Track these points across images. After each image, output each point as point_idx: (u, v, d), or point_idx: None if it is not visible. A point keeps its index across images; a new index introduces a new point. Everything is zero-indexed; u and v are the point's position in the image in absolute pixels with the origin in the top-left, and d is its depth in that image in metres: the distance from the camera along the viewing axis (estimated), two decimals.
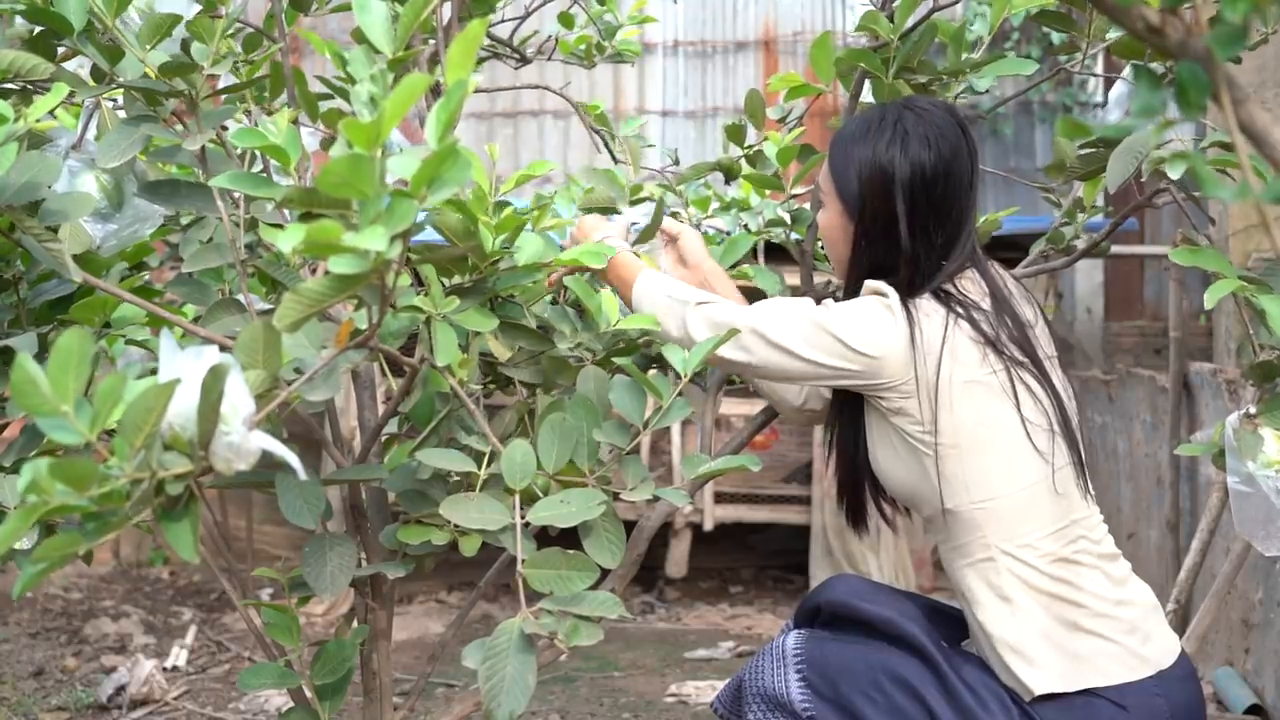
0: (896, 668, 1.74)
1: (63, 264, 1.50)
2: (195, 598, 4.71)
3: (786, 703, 1.78)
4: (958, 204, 1.76)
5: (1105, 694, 1.68)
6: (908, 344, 1.69)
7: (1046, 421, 1.72)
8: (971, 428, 1.69)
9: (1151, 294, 6.13)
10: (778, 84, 2.20)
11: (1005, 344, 1.72)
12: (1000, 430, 1.70)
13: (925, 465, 1.72)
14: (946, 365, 1.68)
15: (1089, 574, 1.72)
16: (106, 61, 1.54)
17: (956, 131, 1.76)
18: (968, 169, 1.76)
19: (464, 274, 1.59)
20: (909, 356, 1.68)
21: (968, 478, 1.70)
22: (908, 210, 1.74)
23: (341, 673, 1.71)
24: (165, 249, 2.12)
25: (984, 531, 1.71)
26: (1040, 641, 1.69)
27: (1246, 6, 0.69)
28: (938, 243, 1.75)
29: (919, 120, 1.75)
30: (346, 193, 0.98)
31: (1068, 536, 1.72)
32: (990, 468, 1.70)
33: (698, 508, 4.58)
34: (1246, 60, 3.50)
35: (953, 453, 1.70)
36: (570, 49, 2.58)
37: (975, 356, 1.70)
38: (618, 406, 1.68)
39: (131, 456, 1.00)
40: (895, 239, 1.75)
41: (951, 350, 1.69)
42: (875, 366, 1.70)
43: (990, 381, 1.70)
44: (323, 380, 1.34)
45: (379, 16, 1.25)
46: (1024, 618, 1.70)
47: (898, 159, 1.73)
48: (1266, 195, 0.69)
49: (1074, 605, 1.70)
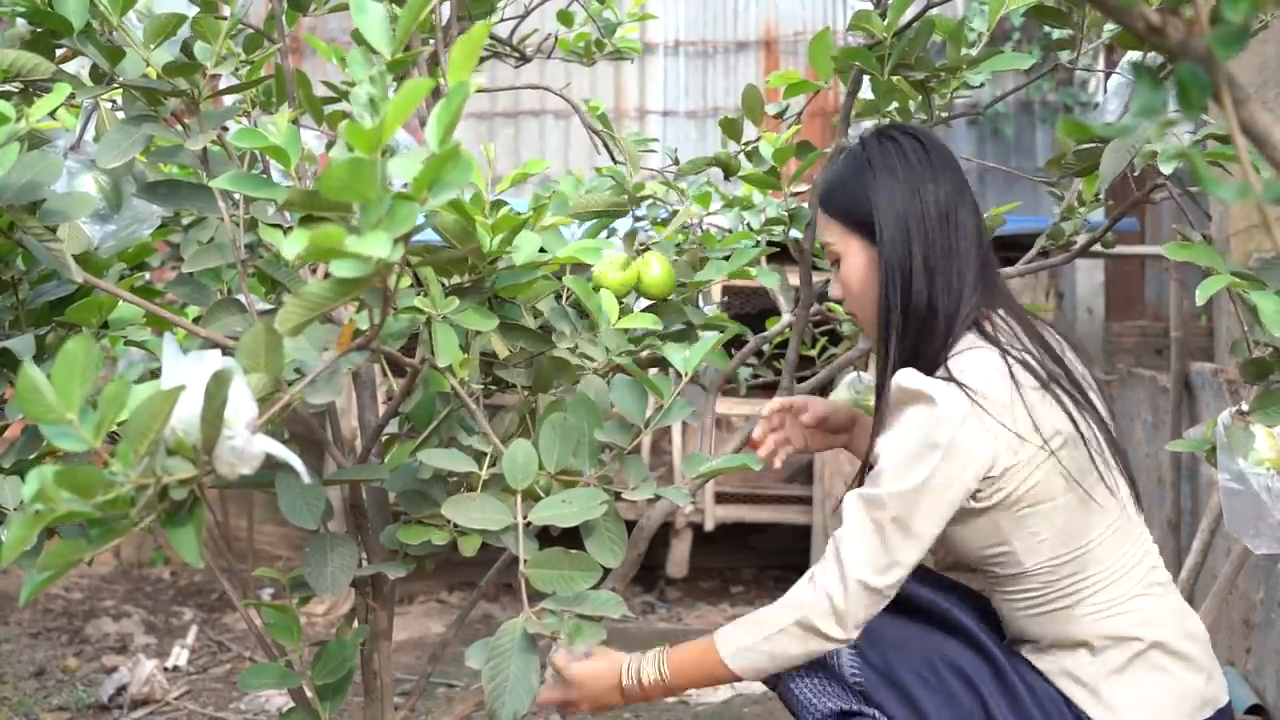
0: (953, 655, 1.68)
1: (63, 264, 1.50)
2: (196, 598, 4.72)
3: (835, 667, 1.71)
4: (966, 220, 1.67)
5: None
6: (981, 429, 1.53)
7: (1104, 453, 1.62)
8: (1042, 480, 1.57)
9: (1152, 294, 6.14)
10: (776, 80, 2.20)
11: (1059, 378, 1.62)
12: (1079, 473, 1.59)
13: (997, 527, 1.60)
14: (1034, 416, 1.56)
15: (1158, 605, 1.64)
16: (107, 61, 1.54)
17: (942, 151, 1.70)
18: (970, 204, 1.69)
19: (463, 274, 1.59)
20: (1002, 438, 1.54)
21: (1044, 531, 1.60)
22: (924, 226, 1.65)
23: (342, 673, 1.71)
24: (166, 249, 2.12)
25: (1067, 581, 1.62)
26: (1116, 683, 1.62)
27: (1247, 6, 0.69)
28: (956, 265, 1.65)
29: (900, 145, 1.69)
30: (348, 196, 0.98)
31: (1141, 569, 1.64)
32: (1065, 520, 1.59)
33: (699, 508, 4.58)
34: (1247, 60, 3.50)
35: (1029, 509, 1.59)
36: (570, 47, 2.58)
37: (1042, 402, 1.58)
38: (619, 406, 1.68)
39: (136, 463, 1.00)
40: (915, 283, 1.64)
41: (1028, 403, 1.56)
42: (975, 460, 1.54)
43: (1056, 426, 1.59)
44: (325, 382, 1.34)
45: (377, 18, 1.25)
46: (1102, 660, 1.62)
47: (916, 187, 1.66)
48: (1267, 195, 0.69)
49: (1151, 644, 1.62)
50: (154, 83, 1.54)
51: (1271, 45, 3.45)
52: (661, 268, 2.00)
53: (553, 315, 1.81)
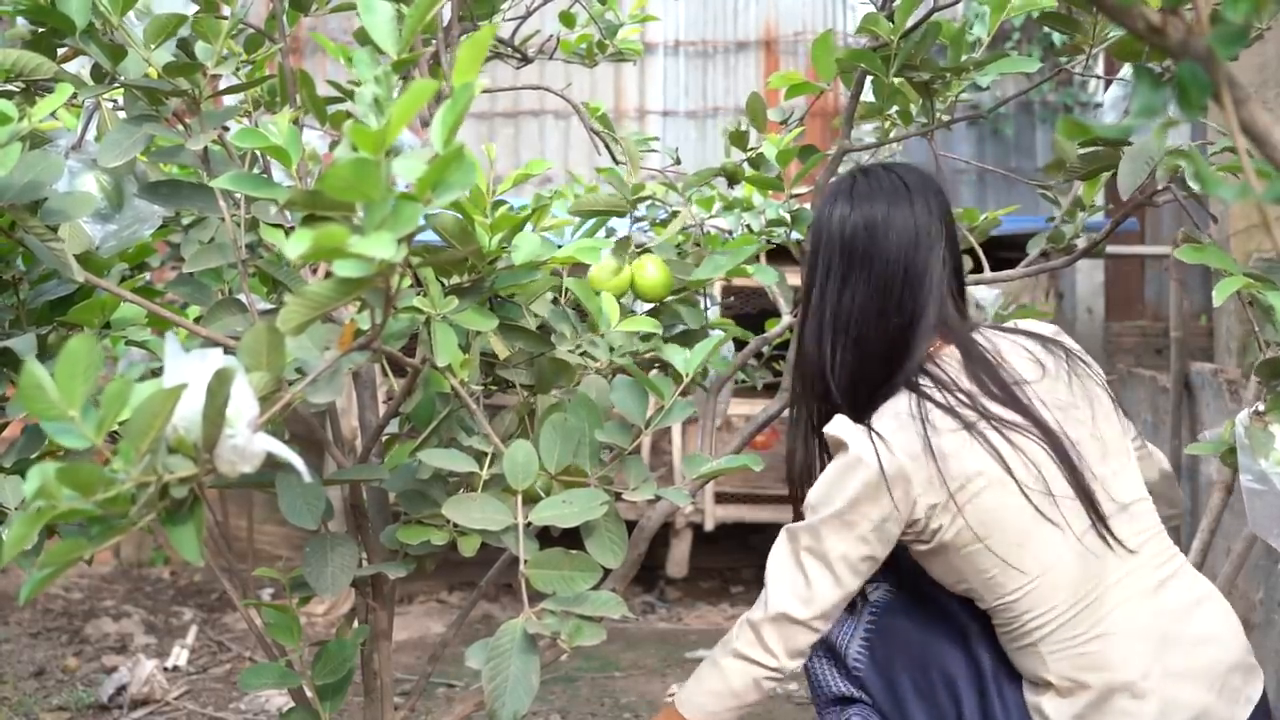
0: (949, 666, 1.74)
1: (65, 263, 1.50)
2: (196, 598, 4.72)
3: (841, 653, 1.82)
4: (897, 263, 1.70)
5: None
6: (879, 460, 1.61)
7: (1045, 486, 1.62)
8: (982, 519, 1.61)
9: (1152, 294, 6.14)
10: (778, 82, 2.20)
11: (989, 412, 1.64)
12: (1007, 514, 1.61)
13: (953, 567, 1.66)
14: (941, 463, 1.61)
15: (1125, 644, 1.61)
16: (109, 61, 1.54)
17: (897, 190, 1.73)
18: (909, 226, 1.71)
19: (462, 274, 1.59)
20: (893, 471, 1.61)
21: (989, 571, 1.63)
22: (835, 265, 1.73)
23: (342, 673, 1.71)
24: (167, 249, 2.12)
25: (1025, 618, 1.64)
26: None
27: (1247, 6, 0.69)
28: (892, 308, 1.70)
29: (855, 182, 1.76)
30: (352, 196, 0.98)
31: (1109, 602, 1.62)
32: (1005, 557, 1.62)
33: (699, 508, 4.58)
34: (1247, 60, 3.50)
35: (970, 551, 1.63)
36: (571, 48, 2.58)
37: (960, 444, 1.62)
38: (619, 406, 1.68)
39: (137, 460, 1.00)
40: (843, 301, 1.72)
41: (938, 449, 1.61)
42: (873, 504, 1.62)
43: (978, 469, 1.61)
44: (326, 382, 1.34)
45: (385, 17, 1.25)
46: (1068, 703, 1.62)
47: (824, 215, 1.76)
48: (1267, 195, 0.69)
49: (1116, 689, 1.60)
50: (155, 82, 1.55)
51: (1271, 46, 3.45)
52: (657, 270, 2.00)
53: (553, 316, 1.81)
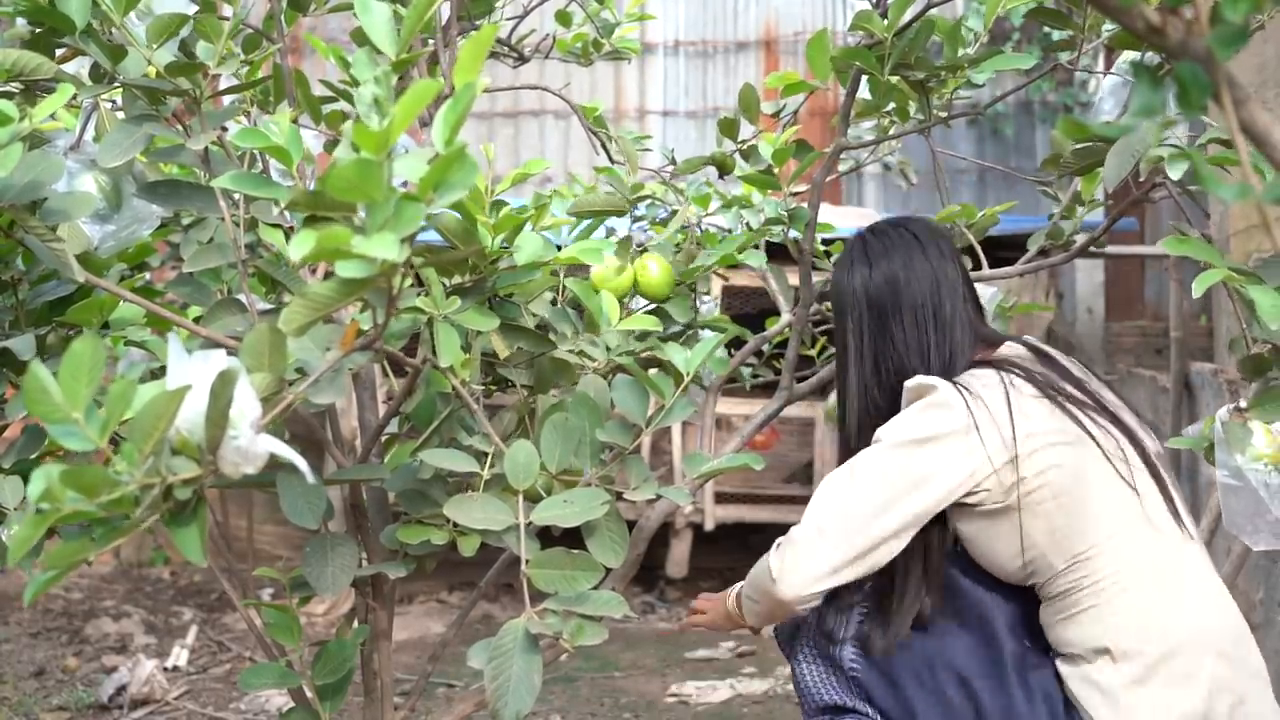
0: (953, 655, 1.73)
1: (65, 263, 1.50)
2: (196, 598, 4.72)
3: (837, 659, 1.81)
4: (924, 307, 1.79)
5: None
6: (970, 414, 1.66)
7: (1124, 456, 1.69)
8: (1060, 475, 1.65)
9: (1152, 294, 6.14)
10: (775, 81, 2.20)
11: (1066, 391, 1.71)
12: (1090, 473, 1.67)
13: (1021, 533, 1.67)
14: (1021, 425, 1.65)
15: (1186, 618, 1.65)
16: (109, 61, 1.54)
17: (910, 247, 1.82)
18: (927, 272, 1.80)
19: (464, 274, 1.59)
20: (981, 423, 1.66)
21: (1065, 529, 1.66)
22: (864, 322, 1.82)
23: (342, 673, 1.71)
24: (166, 249, 2.12)
25: (1089, 581, 1.66)
26: (1137, 693, 1.63)
27: (1247, 6, 0.69)
28: (928, 347, 1.79)
29: (867, 243, 1.85)
30: (355, 197, 0.98)
31: (1172, 579, 1.66)
32: (1084, 514, 1.65)
33: (698, 508, 4.58)
34: (1247, 60, 3.50)
35: (1045, 508, 1.66)
36: (567, 47, 2.58)
37: (1042, 409, 1.68)
38: (620, 406, 1.68)
39: (141, 462, 1.00)
40: (879, 351, 1.81)
41: (1019, 409, 1.67)
42: (953, 449, 1.66)
43: (1066, 428, 1.67)
44: (328, 382, 1.34)
45: (382, 18, 1.25)
46: (1124, 668, 1.64)
47: (844, 280, 1.85)
48: (1267, 195, 0.69)
49: (1173, 655, 1.63)
50: (155, 82, 1.55)
51: (1271, 45, 3.45)
52: (660, 269, 2.00)
53: (553, 316, 1.81)
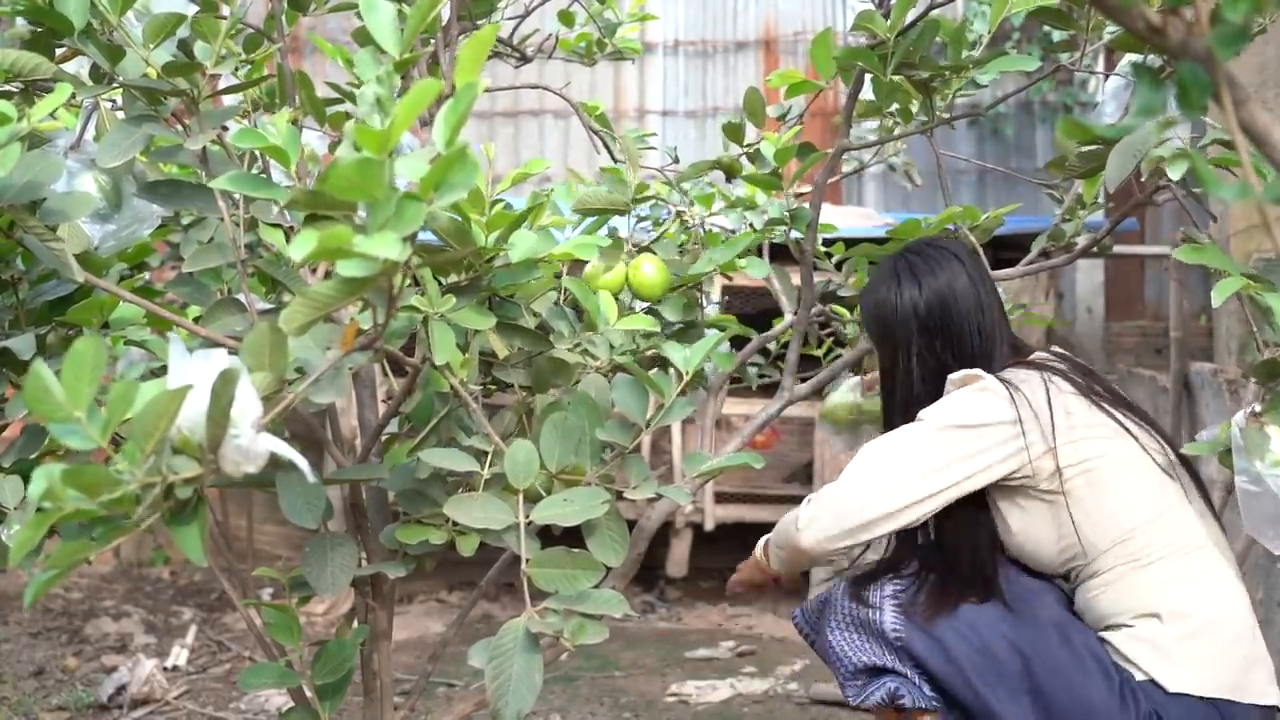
0: (995, 619, 1.81)
1: (65, 263, 1.50)
2: (196, 597, 4.72)
3: (876, 624, 1.87)
4: (964, 326, 1.91)
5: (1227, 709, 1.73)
6: (1014, 406, 1.80)
7: (1160, 449, 1.84)
8: (1101, 461, 1.79)
9: (1152, 294, 6.14)
10: (778, 80, 2.20)
11: (1099, 393, 1.86)
12: (1127, 460, 1.81)
13: (1063, 518, 1.81)
14: (1059, 416, 1.79)
15: (1222, 589, 1.78)
16: (107, 61, 1.54)
17: (951, 265, 1.94)
18: (969, 295, 1.92)
19: (460, 272, 1.59)
20: (1024, 415, 1.79)
21: (1108, 509, 1.79)
22: (915, 341, 1.92)
23: (342, 672, 1.71)
24: (166, 249, 2.12)
25: (1136, 547, 1.78)
26: (1190, 645, 1.74)
27: (1247, 6, 0.69)
28: (965, 361, 1.90)
29: (911, 263, 1.96)
30: (356, 196, 0.98)
31: (1202, 557, 1.79)
32: (1125, 496, 1.79)
33: (698, 507, 4.58)
34: (1247, 60, 3.50)
35: (1091, 489, 1.79)
36: (570, 47, 2.58)
37: (1081, 405, 1.83)
38: (620, 405, 1.68)
39: (142, 461, 1.00)
40: (924, 364, 1.92)
41: (1059, 404, 1.81)
42: (997, 436, 1.79)
43: (1104, 421, 1.82)
44: (329, 382, 1.34)
45: (387, 17, 1.25)
46: (1173, 627, 1.75)
47: (894, 300, 1.94)
48: (1267, 195, 0.69)
49: (1214, 619, 1.76)
50: (154, 82, 1.54)
51: (1271, 46, 3.45)
52: (654, 269, 2.00)
53: (551, 315, 1.81)
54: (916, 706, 1.84)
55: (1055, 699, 1.74)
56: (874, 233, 3.99)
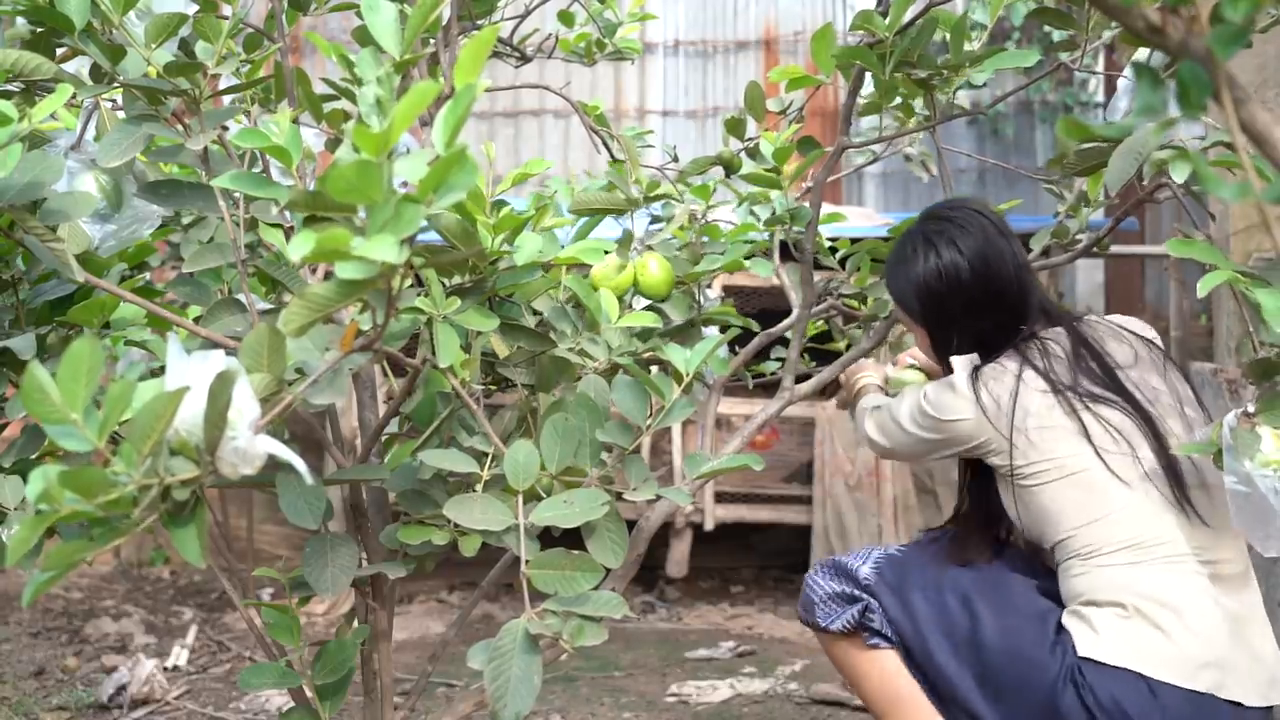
0: (960, 579, 1.97)
1: (65, 263, 1.50)
2: (196, 597, 4.72)
3: (852, 571, 2.04)
4: (1007, 281, 1.96)
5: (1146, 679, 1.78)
6: (978, 409, 1.91)
7: (1129, 449, 1.86)
8: (1053, 464, 1.87)
9: (1152, 294, 6.13)
10: (778, 75, 2.20)
11: (1080, 386, 1.89)
12: (1077, 465, 1.86)
13: (1029, 502, 1.91)
14: (1020, 418, 1.88)
15: (1179, 581, 1.82)
16: (108, 61, 1.54)
17: (980, 221, 1.99)
18: (1005, 250, 1.97)
19: (464, 274, 1.59)
20: (982, 418, 1.91)
21: (1057, 508, 1.87)
22: (964, 304, 1.96)
23: (342, 672, 1.71)
24: (166, 249, 2.12)
25: (1085, 551, 1.86)
26: (1119, 627, 1.81)
27: (1247, 6, 0.69)
28: (1004, 318, 1.97)
29: (941, 228, 1.99)
30: (355, 198, 0.98)
31: (1165, 549, 1.83)
32: (1073, 498, 1.86)
33: (698, 507, 4.58)
34: (1247, 59, 3.50)
35: (1043, 488, 1.88)
36: (570, 47, 2.58)
37: (1045, 404, 1.88)
38: (620, 406, 1.68)
39: (139, 463, 1.00)
40: (967, 329, 1.98)
41: (1022, 404, 1.89)
42: (960, 431, 1.93)
43: (1064, 424, 1.87)
44: (328, 383, 1.34)
45: (389, 17, 1.25)
46: (1109, 611, 1.83)
47: (937, 268, 1.97)
48: (1267, 195, 0.69)
49: (1153, 607, 1.80)
50: (155, 82, 1.54)
51: (1271, 45, 3.45)
52: (660, 268, 2.00)
53: (553, 315, 1.81)
54: (882, 632, 2.00)
55: (990, 643, 1.89)
56: (874, 232, 3.98)
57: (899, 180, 6.29)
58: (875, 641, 2.02)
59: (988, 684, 1.90)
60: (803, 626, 2.19)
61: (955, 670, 1.93)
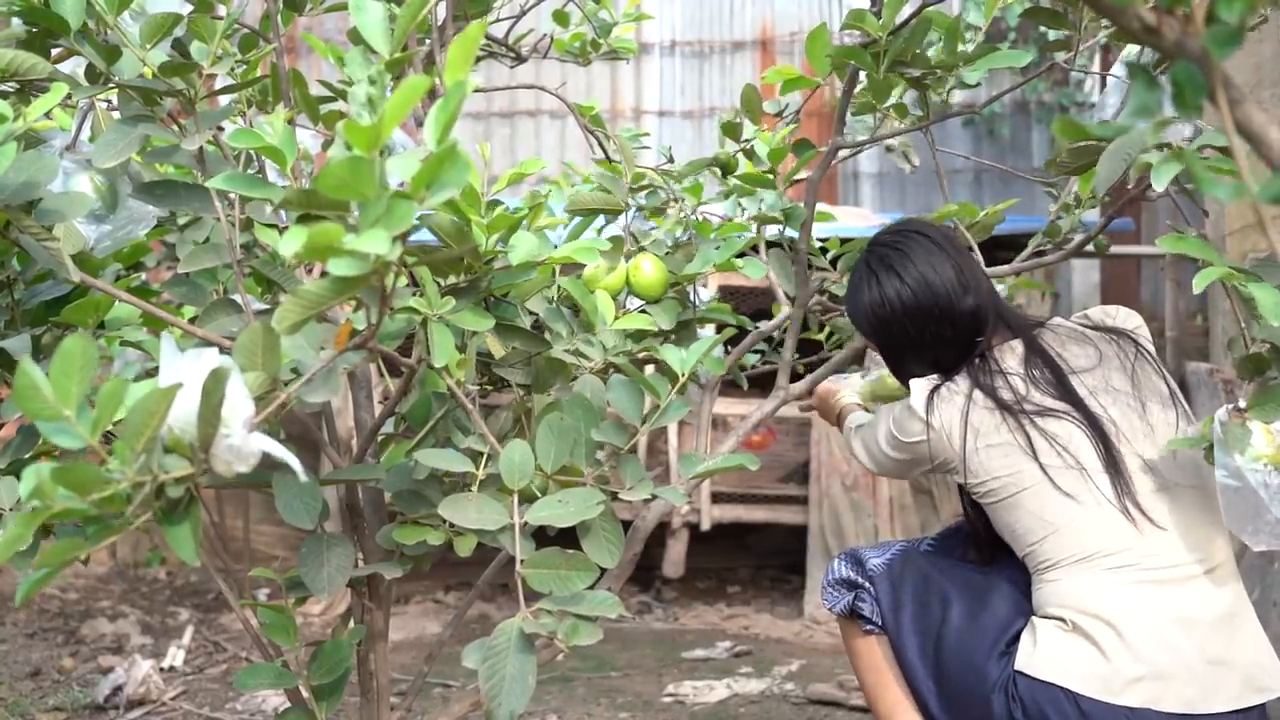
0: (954, 580, 2.03)
1: (61, 263, 1.50)
2: (192, 598, 4.71)
3: (864, 562, 2.13)
4: (953, 300, 1.97)
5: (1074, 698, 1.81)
6: (933, 431, 1.95)
7: (1075, 462, 1.88)
8: (1001, 483, 1.90)
9: (1148, 294, 6.14)
10: (773, 77, 2.20)
11: (1029, 401, 1.92)
12: (1026, 481, 1.88)
13: (993, 518, 1.96)
14: (970, 439, 1.91)
15: (1126, 593, 1.82)
16: (103, 61, 1.53)
17: (922, 244, 2.00)
18: (949, 269, 1.98)
19: (459, 274, 1.59)
20: (940, 439, 1.94)
21: (1013, 524, 1.91)
22: (913, 328, 1.98)
23: (338, 673, 1.71)
24: (161, 249, 2.12)
25: (1040, 566, 1.90)
26: (1056, 641, 1.84)
27: (1242, 6, 0.69)
28: (955, 335, 1.98)
29: (884, 255, 2.01)
30: (347, 194, 0.98)
31: (1116, 560, 1.84)
32: (1024, 515, 1.89)
33: (695, 508, 4.58)
34: (1243, 60, 3.51)
35: (998, 505, 1.92)
36: (566, 47, 2.57)
37: (992, 423, 1.91)
38: (615, 406, 1.68)
39: (133, 460, 1.00)
40: (920, 351, 2.01)
41: (970, 424, 1.92)
42: (922, 451, 1.97)
43: (1010, 441, 1.90)
44: (322, 382, 1.34)
45: (376, 17, 1.25)
46: (1053, 623, 1.86)
47: (880, 296, 1.99)
48: (1262, 195, 0.69)
49: (1094, 621, 1.82)
50: (150, 82, 1.54)
51: (1267, 45, 3.46)
52: (654, 268, 2.00)
53: (548, 315, 1.81)
54: (872, 620, 2.08)
55: (949, 646, 1.95)
56: (865, 233, 3.99)
57: (895, 181, 6.30)
58: (869, 628, 2.10)
59: (942, 685, 1.97)
60: (799, 627, 2.22)
61: (919, 667, 2.01)
